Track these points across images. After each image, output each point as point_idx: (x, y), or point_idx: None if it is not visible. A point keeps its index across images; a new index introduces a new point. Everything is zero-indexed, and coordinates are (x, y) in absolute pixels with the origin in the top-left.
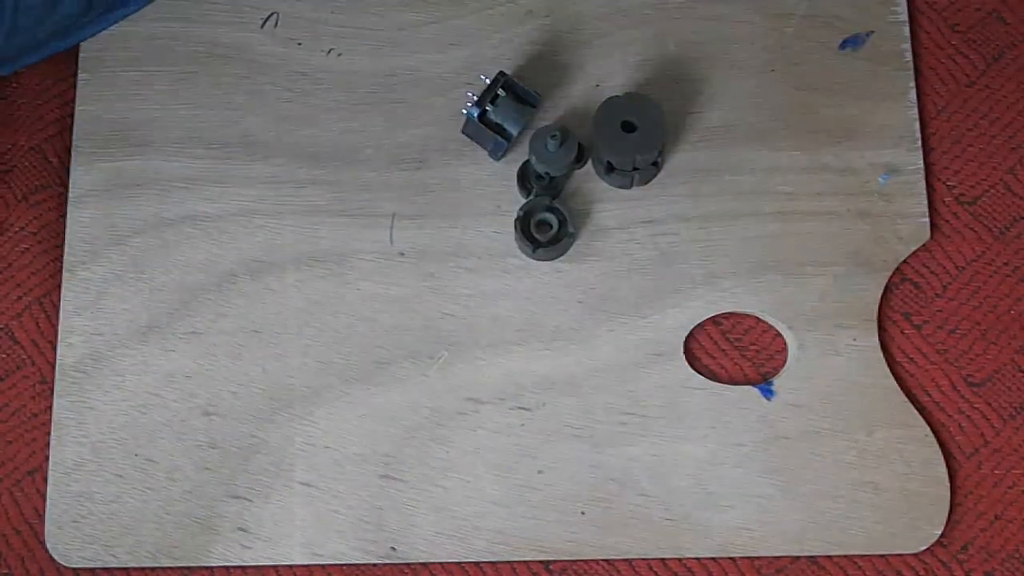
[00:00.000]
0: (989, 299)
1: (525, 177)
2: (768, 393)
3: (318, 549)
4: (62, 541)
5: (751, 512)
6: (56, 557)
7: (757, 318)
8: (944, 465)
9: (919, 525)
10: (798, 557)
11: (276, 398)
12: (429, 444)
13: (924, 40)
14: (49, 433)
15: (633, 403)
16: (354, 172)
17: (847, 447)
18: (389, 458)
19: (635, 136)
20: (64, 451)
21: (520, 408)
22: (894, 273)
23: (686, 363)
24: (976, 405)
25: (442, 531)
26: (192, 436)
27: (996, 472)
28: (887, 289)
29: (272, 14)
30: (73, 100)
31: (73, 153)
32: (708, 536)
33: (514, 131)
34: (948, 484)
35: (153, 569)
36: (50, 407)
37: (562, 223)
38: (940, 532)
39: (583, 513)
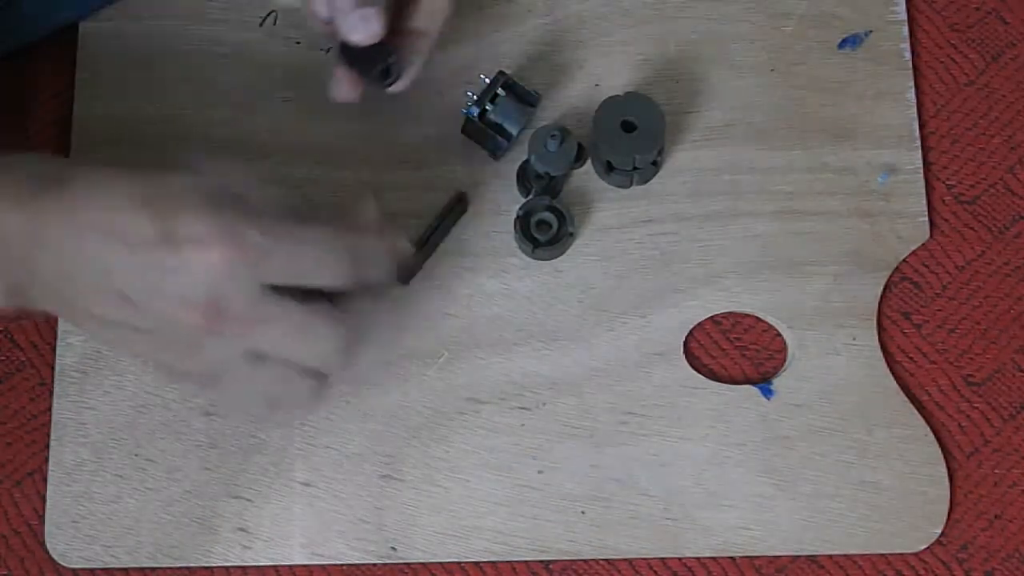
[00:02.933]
0: (989, 299)
1: (525, 177)
2: (768, 393)
3: (318, 549)
4: (62, 541)
5: (751, 511)
6: (56, 557)
7: (757, 318)
8: (944, 464)
9: (919, 524)
10: (798, 556)
11: None
12: (429, 444)
13: (923, 39)
14: (48, 435)
15: (633, 403)
16: (353, 172)
17: (847, 446)
18: (389, 458)
19: (635, 136)
20: (64, 451)
21: (520, 408)
22: (893, 272)
23: (686, 363)
24: (976, 405)
25: (442, 531)
26: (192, 436)
27: (996, 472)
28: (886, 288)
29: (271, 12)
30: (72, 100)
31: (72, 153)
32: (708, 535)
33: (514, 131)
34: (948, 483)
35: (153, 569)
36: (49, 409)
37: (562, 223)
38: (940, 531)
39: (583, 513)
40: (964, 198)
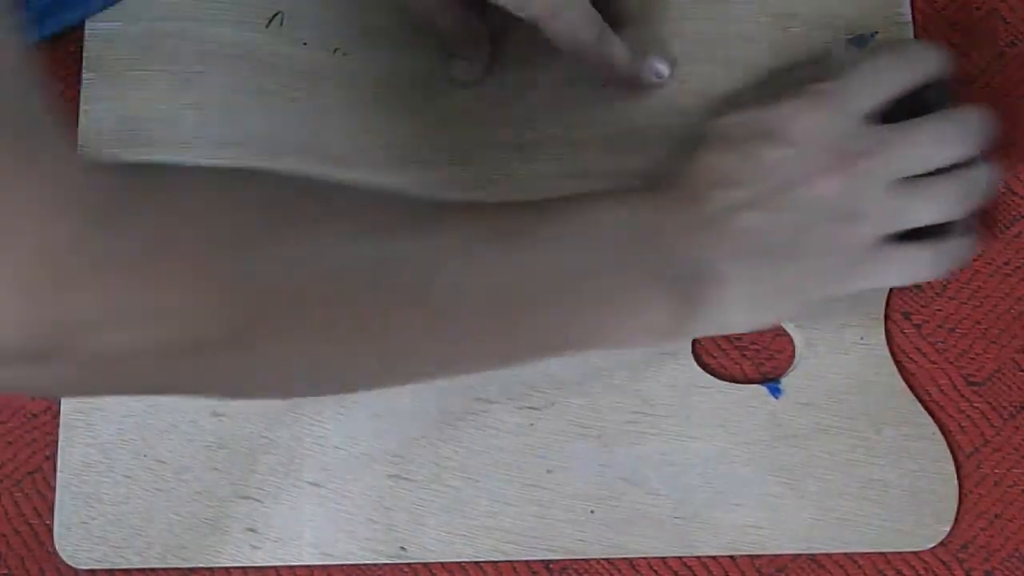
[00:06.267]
0: (989, 299)
1: None
2: (776, 392)
3: (328, 549)
4: (71, 542)
5: (760, 510)
6: (65, 558)
7: None
8: (952, 463)
9: (927, 523)
10: (798, 555)
11: None
12: (438, 444)
13: (924, 39)
14: (50, 434)
15: (642, 402)
16: (360, 173)
17: (855, 445)
18: (398, 458)
19: None
20: (73, 452)
21: (529, 408)
22: None
23: (694, 362)
24: (977, 404)
25: (452, 531)
26: (201, 437)
27: (996, 471)
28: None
29: (277, 13)
30: (78, 100)
31: (78, 153)
32: (717, 534)
33: None
34: (956, 482)
35: (163, 570)
36: (50, 408)
37: None
38: (948, 529)
39: (592, 512)
40: None
